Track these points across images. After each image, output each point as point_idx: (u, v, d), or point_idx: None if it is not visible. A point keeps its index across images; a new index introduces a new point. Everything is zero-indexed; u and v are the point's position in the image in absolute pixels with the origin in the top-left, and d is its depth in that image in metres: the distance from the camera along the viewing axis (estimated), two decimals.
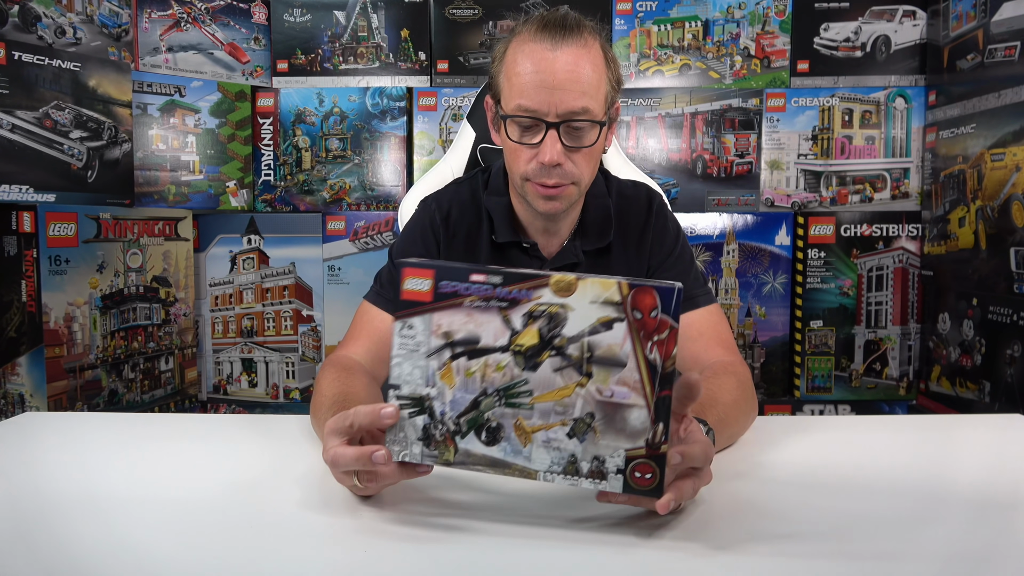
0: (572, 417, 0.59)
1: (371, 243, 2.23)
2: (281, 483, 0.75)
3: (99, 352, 1.92)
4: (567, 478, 0.59)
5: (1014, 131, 1.71)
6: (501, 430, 0.60)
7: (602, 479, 0.59)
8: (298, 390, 2.28)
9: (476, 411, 0.60)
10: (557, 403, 0.59)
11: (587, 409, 0.59)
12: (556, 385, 0.59)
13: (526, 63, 0.92)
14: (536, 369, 0.59)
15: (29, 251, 1.76)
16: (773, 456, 0.84)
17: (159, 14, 2.13)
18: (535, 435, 0.59)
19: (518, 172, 0.97)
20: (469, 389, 0.60)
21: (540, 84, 0.91)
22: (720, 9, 2.18)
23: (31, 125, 1.78)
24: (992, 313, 1.79)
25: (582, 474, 0.59)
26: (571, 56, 0.91)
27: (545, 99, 0.91)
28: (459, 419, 0.61)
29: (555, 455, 0.59)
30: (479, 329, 0.60)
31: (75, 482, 0.74)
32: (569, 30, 0.92)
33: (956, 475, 0.78)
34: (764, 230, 2.18)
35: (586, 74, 0.92)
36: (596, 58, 0.94)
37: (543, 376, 0.59)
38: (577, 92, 0.91)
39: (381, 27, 2.24)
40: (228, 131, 2.23)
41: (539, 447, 0.60)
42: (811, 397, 2.21)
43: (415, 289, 0.61)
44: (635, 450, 0.58)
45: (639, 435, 0.58)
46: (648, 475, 0.58)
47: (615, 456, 0.58)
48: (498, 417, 0.60)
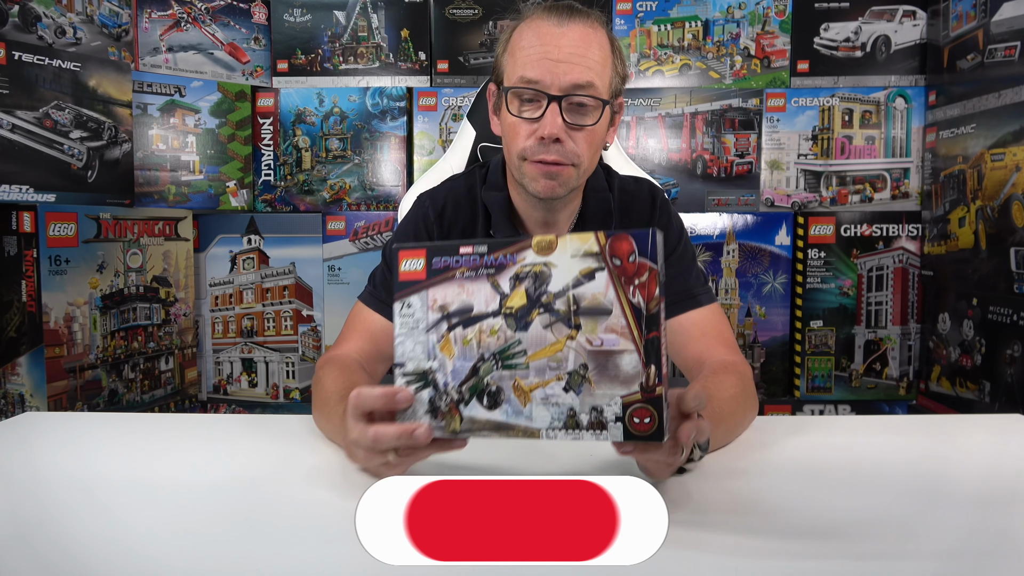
0: (566, 371, 0.60)
1: (371, 243, 2.23)
2: (282, 483, 0.75)
3: (99, 352, 1.92)
4: (568, 433, 0.60)
5: (1014, 131, 1.71)
6: (501, 393, 0.62)
7: (602, 429, 0.60)
8: (298, 390, 2.28)
9: (476, 377, 0.62)
10: (551, 359, 0.61)
11: (580, 361, 0.60)
12: (548, 341, 0.61)
13: (532, 37, 0.92)
14: (527, 328, 0.61)
15: (29, 251, 1.76)
16: (773, 456, 0.84)
17: (159, 14, 2.13)
18: (533, 393, 0.61)
19: (516, 150, 0.95)
20: (467, 357, 0.62)
21: (544, 56, 0.90)
22: (720, 9, 2.18)
23: (31, 125, 1.78)
24: (992, 313, 1.79)
25: (583, 427, 0.60)
26: (578, 33, 0.91)
27: (549, 70, 0.90)
28: (461, 387, 0.63)
29: (554, 411, 0.61)
30: (471, 298, 0.62)
31: (75, 482, 0.74)
32: (577, 12, 0.93)
33: (956, 475, 0.78)
34: (764, 230, 2.18)
35: (592, 52, 0.92)
36: (603, 41, 0.94)
37: (535, 334, 0.61)
38: (582, 67, 0.90)
39: (381, 27, 2.24)
40: (228, 131, 2.23)
41: (538, 405, 0.61)
42: (811, 397, 2.21)
43: (411, 270, 0.64)
44: (631, 396, 0.59)
45: (633, 380, 0.59)
46: (647, 419, 0.59)
47: (612, 404, 0.59)
48: (497, 380, 0.62)
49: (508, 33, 0.97)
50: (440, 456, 0.70)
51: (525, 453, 0.82)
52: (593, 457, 0.81)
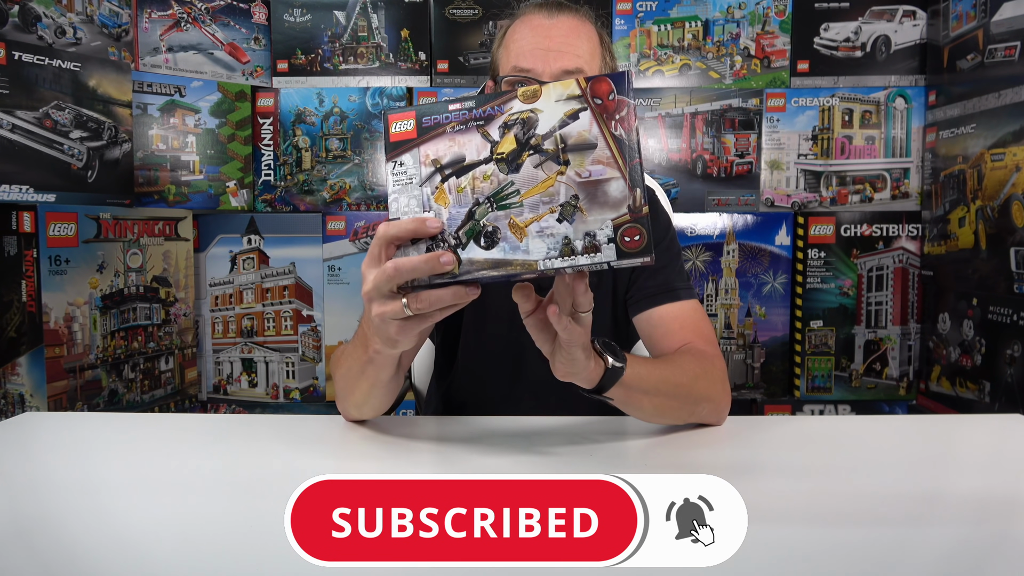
0: (559, 203, 0.64)
1: (371, 243, 2.23)
2: (282, 483, 0.74)
3: (99, 352, 1.92)
4: (565, 260, 0.64)
5: (1014, 131, 1.71)
6: (497, 232, 0.65)
7: (596, 252, 0.63)
8: (298, 390, 2.28)
9: (472, 221, 0.65)
10: (543, 195, 0.64)
11: (570, 193, 0.64)
12: (539, 179, 0.64)
13: (524, 30, 0.98)
14: (519, 170, 0.65)
15: (29, 251, 1.76)
16: (773, 456, 0.84)
17: (159, 14, 2.13)
18: (529, 228, 0.64)
19: None
20: (462, 203, 0.65)
21: (536, 47, 0.96)
22: (720, 9, 2.18)
23: (31, 125, 1.78)
24: (992, 313, 1.79)
25: (577, 252, 0.64)
26: (567, 25, 0.97)
27: (540, 59, 0.95)
28: (458, 233, 0.65)
29: (550, 241, 0.64)
30: (463, 149, 0.66)
31: (75, 482, 0.74)
32: (567, 7, 0.99)
33: (956, 475, 0.78)
34: (764, 230, 2.18)
35: (582, 42, 0.97)
36: (591, 34, 1.00)
37: (526, 174, 0.65)
38: (572, 55, 0.95)
39: (381, 27, 2.24)
40: (228, 131, 2.23)
41: (534, 238, 0.64)
42: (811, 397, 2.21)
43: (401, 131, 0.67)
44: (620, 218, 0.63)
45: (621, 203, 0.63)
46: (636, 237, 0.63)
47: (604, 228, 0.63)
48: (492, 221, 0.65)
49: (503, 30, 1.03)
50: (438, 457, 0.70)
51: (525, 453, 0.82)
52: (593, 457, 0.81)
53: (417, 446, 0.89)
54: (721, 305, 2.20)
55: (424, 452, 0.87)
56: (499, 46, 1.02)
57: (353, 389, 0.88)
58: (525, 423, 0.95)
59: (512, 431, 0.92)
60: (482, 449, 0.84)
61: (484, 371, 1.11)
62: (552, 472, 0.74)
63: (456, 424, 0.98)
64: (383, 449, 0.86)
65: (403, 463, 0.83)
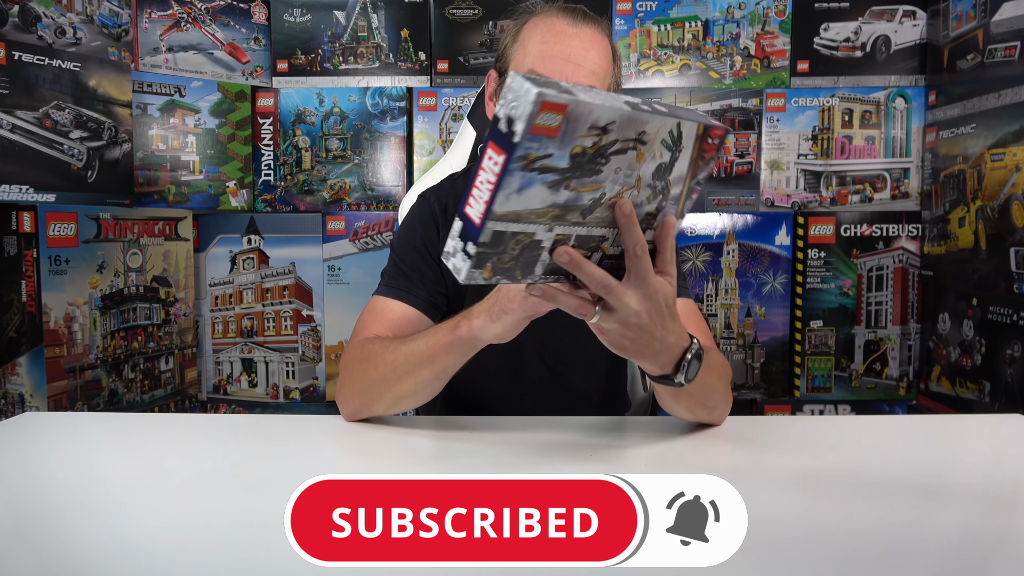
0: None
1: (371, 243, 2.23)
2: (282, 483, 0.74)
3: (99, 352, 1.92)
4: None
5: (1014, 131, 1.71)
6: None
7: None
8: (298, 390, 2.28)
9: None
10: None
11: None
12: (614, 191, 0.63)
13: (547, 33, 0.97)
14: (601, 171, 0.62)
15: (29, 251, 1.76)
16: (773, 456, 0.84)
17: (159, 14, 2.13)
18: None
19: None
20: None
21: (555, 54, 0.95)
22: (720, 9, 2.18)
23: (31, 125, 1.78)
24: (992, 313, 1.79)
25: None
26: (588, 38, 0.97)
27: (558, 68, 0.94)
28: None
29: None
30: None
31: (75, 482, 0.74)
32: (588, 17, 1.00)
33: (956, 475, 0.78)
34: (764, 230, 2.18)
35: (600, 58, 0.97)
36: (608, 50, 1.00)
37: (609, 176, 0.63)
38: (587, 70, 0.95)
39: (381, 27, 2.24)
40: (228, 131, 2.23)
41: None
42: (811, 397, 2.21)
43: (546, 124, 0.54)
44: None
45: None
46: None
47: None
48: None
49: (519, 25, 1.02)
50: (438, 457, 0.70)
51: (525, 453, 0.82)
52: (592, 457, 0.81)
53: (417, 446, 0.89)
54: (721, 305, 2.20)
55: (424, 452, 0.87)
56: (513, 40, 1.01)
57: (403, 378, 0.88)
58: (525, 423, 0.95)
59: (512, 431, 0.92)
60: (482, 449, 0.84)
61: (484, 371, 1.11)
62: (552, 472, 0.74)
63: (456, 424, 0.98)
64: (383, 449, 0.86)
65: (403, 463, 0.83)
